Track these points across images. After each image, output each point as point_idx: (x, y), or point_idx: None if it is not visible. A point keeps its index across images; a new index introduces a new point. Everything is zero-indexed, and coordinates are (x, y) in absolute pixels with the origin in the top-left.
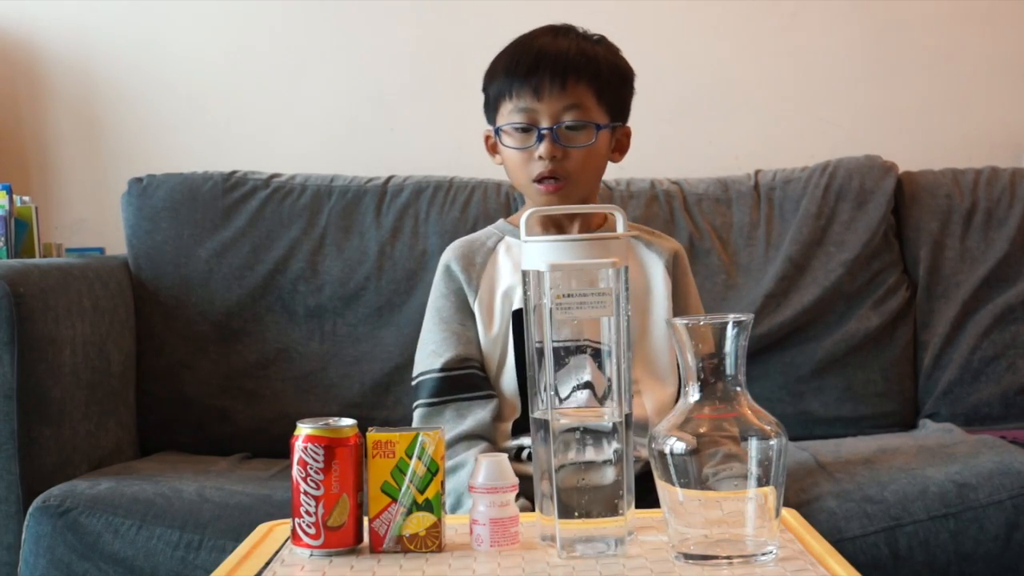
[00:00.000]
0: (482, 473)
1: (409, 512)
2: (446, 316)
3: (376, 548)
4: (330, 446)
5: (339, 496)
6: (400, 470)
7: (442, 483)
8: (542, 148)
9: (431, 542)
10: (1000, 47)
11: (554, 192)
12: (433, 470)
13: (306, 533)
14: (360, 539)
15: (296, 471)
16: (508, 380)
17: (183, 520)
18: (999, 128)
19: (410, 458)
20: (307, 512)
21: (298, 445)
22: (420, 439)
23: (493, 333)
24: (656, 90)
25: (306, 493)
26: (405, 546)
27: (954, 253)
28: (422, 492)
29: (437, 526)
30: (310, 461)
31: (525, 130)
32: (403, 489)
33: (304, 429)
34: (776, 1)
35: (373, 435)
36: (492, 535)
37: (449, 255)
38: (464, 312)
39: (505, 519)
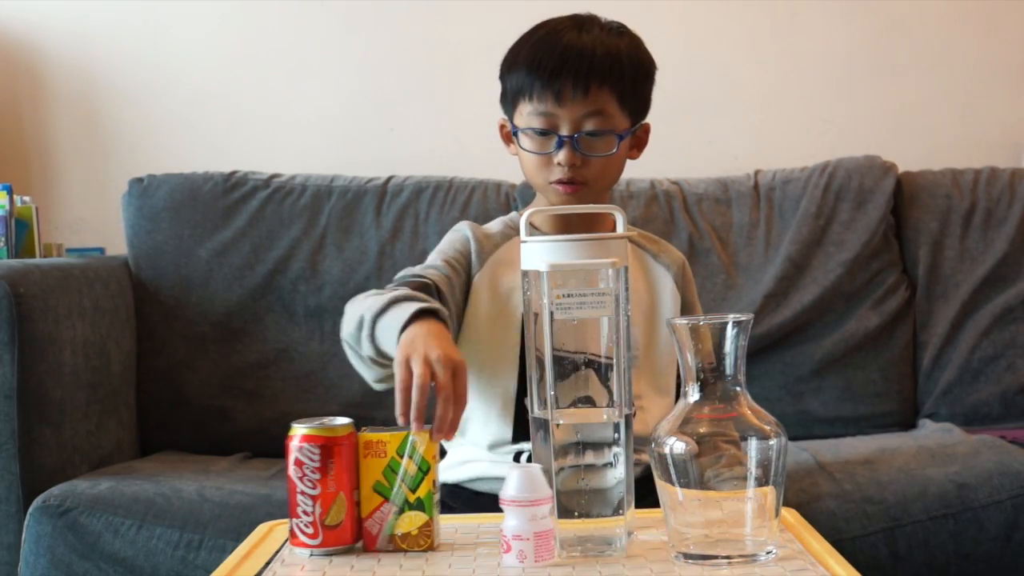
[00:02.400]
0: (513, 485)
1: (401, 511)
2: (446, 250)
3: (369, 548)
4: (326, 445)
5: (336, 495)
6: (392, 469)
7: (434, 482)
8: (561, 155)
9: (423, 541)
10: (1000, 47)
11: (572, 193)
12: (424, 469)
13: (304, 533)
14: (358, 537)
15: (292, 471)
16: (507, 383)
17: (183, 520)
18: (999, 128)
19: (401, 457)
20: (304, 512)
21: (293, 445)
22: (411, 439)
23: (482, 312)
24: (656, 90)
25: (303, 493)
26: (398, 545)
27: (953, 253)
28: (414, 491)
29: (429, 525)
30: (306, 461)
31: (544, 134)
32: (395, 488)
33: (300, 429)
34: (776, 1)
35: (364, 435)
36: (536, 550)
37: (465, 225)
38: (463, 265)
39: (545, 532)
